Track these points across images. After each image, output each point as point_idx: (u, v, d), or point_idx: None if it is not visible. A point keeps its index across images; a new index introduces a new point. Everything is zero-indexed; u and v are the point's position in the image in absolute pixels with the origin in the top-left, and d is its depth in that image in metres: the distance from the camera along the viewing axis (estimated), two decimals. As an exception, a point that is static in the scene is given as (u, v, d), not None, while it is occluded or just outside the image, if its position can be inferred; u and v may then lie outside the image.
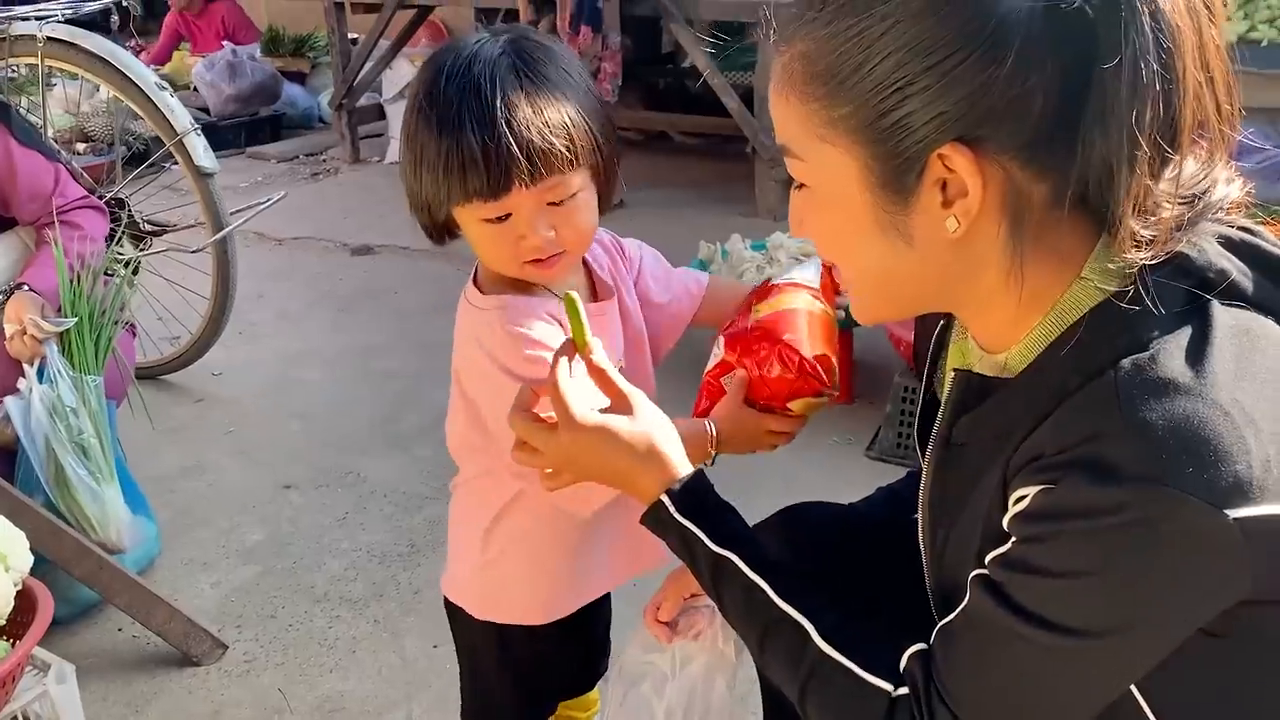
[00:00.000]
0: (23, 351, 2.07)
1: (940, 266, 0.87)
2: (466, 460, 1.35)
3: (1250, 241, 0.86)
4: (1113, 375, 0.78)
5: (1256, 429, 0.76)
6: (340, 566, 2.30)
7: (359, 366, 3.28)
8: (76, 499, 2.04)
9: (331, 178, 5.46)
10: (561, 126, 1.15)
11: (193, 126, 2.84)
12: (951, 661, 0.88)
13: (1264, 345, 0.81)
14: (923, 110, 0.79)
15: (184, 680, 1.98)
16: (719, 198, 4.60)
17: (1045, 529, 0.80)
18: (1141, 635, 0.80)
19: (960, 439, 0.94)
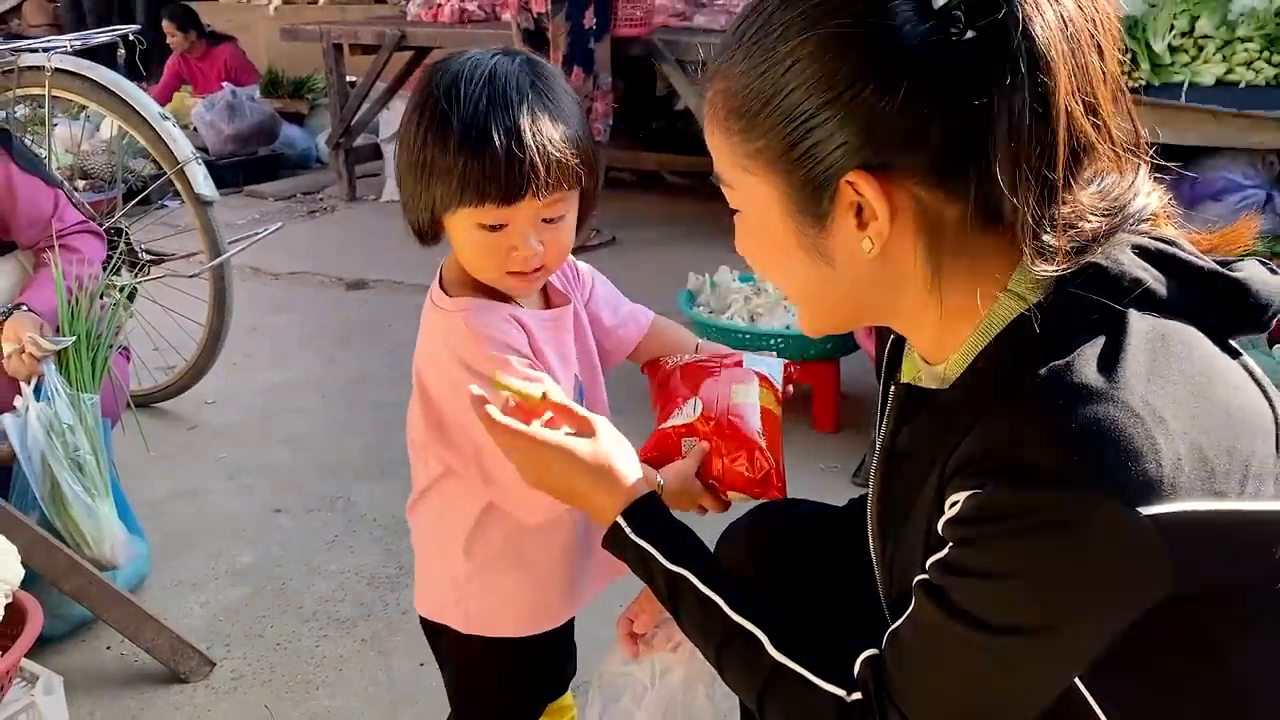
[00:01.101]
0: (21, 370, 2.11)
1: (864, 284, 0.92)
2: (428, 461, 1.37)
3: (1167, 251, 0.90)
4: (1031, 383, 0.82)
5: (1167, 429, 0.79)
6: (329, 588, 2.32)
7: (351, 396, 3.31)
8: (72, 515, 2.06)
9: (328, 215, 5.52)
10: (573, 144, 1.21)
11: (194, 155, 2.90)
12: (900, 665, 0.91)
13: (1178, 349, 0.85)
14: (826, 141, 0.85)
15: (171, 697, 1.99)
16: (709, 235, 4.65)
17: (974, 532, 0.84)
18: (1071, 631, 0.84)
19: (902, 449, 0.99)
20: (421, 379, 1.31)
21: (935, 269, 0.89)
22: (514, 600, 1.39)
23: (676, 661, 1.31)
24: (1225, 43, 3.86)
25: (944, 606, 0.87)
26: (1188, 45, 3.91)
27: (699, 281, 3.18)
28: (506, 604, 1.39)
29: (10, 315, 2.17)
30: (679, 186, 5.79)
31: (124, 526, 2.17)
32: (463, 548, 1.37)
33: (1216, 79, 3.86)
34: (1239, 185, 3.91)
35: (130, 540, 2.20)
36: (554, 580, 1.39)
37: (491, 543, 1.36)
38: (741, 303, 3.02)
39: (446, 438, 1.29)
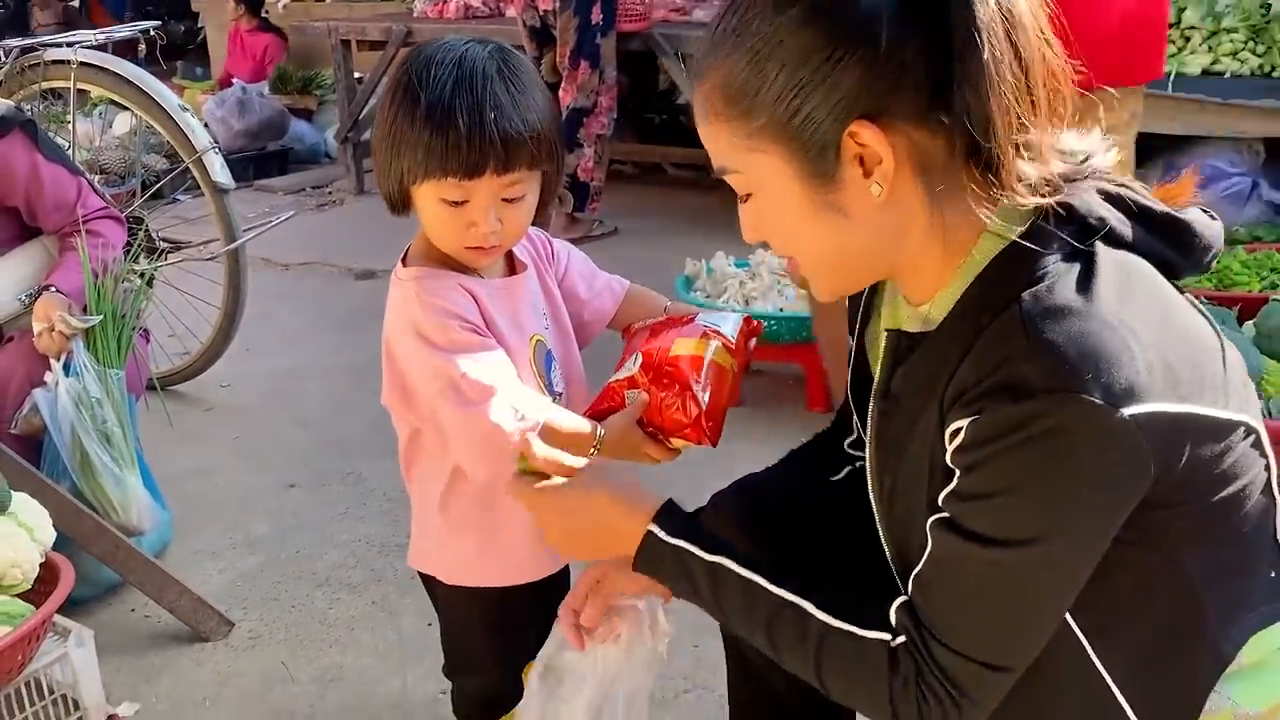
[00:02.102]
0: (51, 347, 2.22)
1: (877, 229, 1.00)
2: (398, 424, 1.49)
3: (1126, 195, 1.01)
4: (1017, 307, 0.91)
5: (1139, 340, 0.90)
6: (340, 555, 2.43)
7: (359, 379, 3.42)
8: (100, 483, 2.18)
9: (337, 208, 5.64)
10: (534, 128, 1.31)
11: (211, 145, 3.02)
12: (930, 602, 0.98)
13: (1141, 278, 0.97)
14: (822, 103, 0.94)
15: (193, 654, 2.11)
16: (708, 224, 4.76)
17: (979, 455, 0.92)
18: (1078, 531, 0.93)
19: (895, 391, 1.07)
20: (388, 345, 1.41)
21: (934, 210, 0.98)
22: (486, 553, 1.48)
23: (616, 653, 1.32)
24: (1211, 34, 3.96)
25: (961, 535, 0.94)
26: (1174, 37, 4.00)
27: (696, 267, 3.29)
28: (480, 557, 1.49)
29: (39, 296, 2.29)
30: (680, 178, 5.90)
31: (148, 494, 2.29)
32: (438, 505, 1.48)
33: (1203, 69, 3.96)
34: (1225, 173, 4.00)
35: (154, 507, 2.32)
36: (523, 535, 1.47)
37: (463, 499, 1.46)
38: (736, 287, 3.14)
39: (409, 400, 1.40)
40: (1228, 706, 1.06)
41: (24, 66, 3.14)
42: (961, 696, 0.96)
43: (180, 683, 2.03)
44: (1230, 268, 2.87)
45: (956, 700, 0.96)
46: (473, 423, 1.31)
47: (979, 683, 0.97)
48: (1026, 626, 0.97)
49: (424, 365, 1.34)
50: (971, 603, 0.96)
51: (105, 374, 2.25)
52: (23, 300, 2.38)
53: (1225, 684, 1.06)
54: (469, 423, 1.31)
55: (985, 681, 0.97)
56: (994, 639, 0.97)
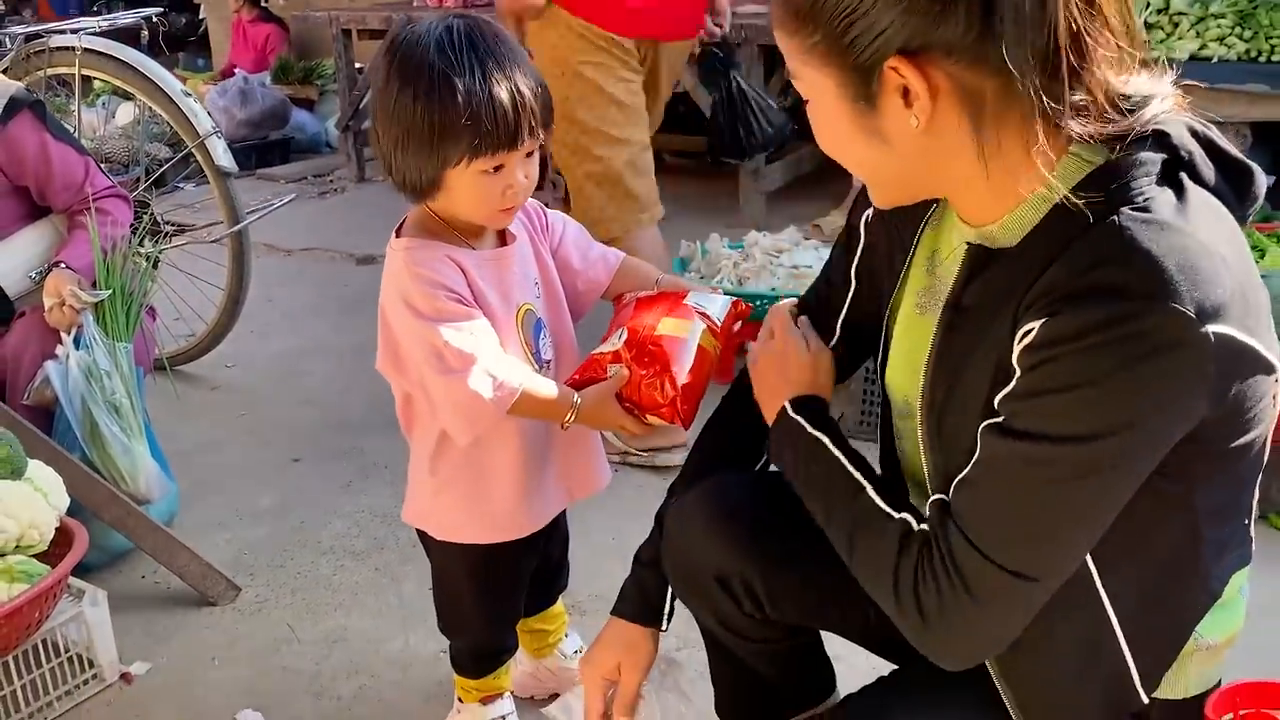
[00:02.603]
0: (62, 321, 2.29)
1: (917, 157, 1.03)
2: (394, 388, 1.57)
3: (1210, 136, 1.04)
4: (1115, 219, 0.94)
5: (1228, 265, 0.94)
6: (344, 525, 2.50)
7: (361, 359, 3.46)
8: (110, 453, 2.25)
9: (338, 196, 5.70)
10: (540, 87, 1.40)
11: (214, 129, 3.08)
12: (965, 499, 1.02)
13: (1222, 218, 1.00)
14: (868, 31, 0.97)
15: (202, 618, 2.18)
16: (706, 209, 4.82)
17: (1051, 353, 0.94)
18: (1137, 437, 0.94)
19: (969, 303, 1.08)
20: (382, 312, 1.49)
21: (982, 139, 0.99)
22: (473, 512, 1.57)
23: None
24: (1199, 19, 4.01)
25: (1013, 435, 0.96)
26: (1163, 22, 4.05)
27: (691, 249, 3.36)
28: (467, 515, 1.57)
29: (50, 272, 2.36)
30: (678, 165, 5.95)
31: (156, 464, 2.36)
32: (429, 467, 1.56)
33: (1191, 54, 4.00)
34: (1214, 156, 4.07)
35: (162, 477, 2.39)
36: (507, 495, 1.56)
37: (451, 461, 1.55)
38: (730, 268, 3.20)
39: (401, 366, 1.48)
40: (1193, 640, 1.14)
41: (29, 53, 3.20)
42: (965, 589, 0.99)
43: (190, 643, 2.10)
44: (1212, 246, 2.93)
45: (959, 597, 1.00)
46: (453, 389, 1.38)
47: (990, 585, 0.99)
48: (1055, 535, 0.98)
49: (411, 333, 1.41)
50: (1007, 502, 0.98)
51: (114, 347, 2.32)
52: (33, 277, 2.45)
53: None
54: (450, 389, 1.39)
55: (998, 586, 0.99)
56: (1018, 541, 0.99)
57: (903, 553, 1.04)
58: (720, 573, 1.32)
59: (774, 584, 1.31)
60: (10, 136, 2.38)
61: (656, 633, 1.42)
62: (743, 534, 1.32)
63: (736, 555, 1.31)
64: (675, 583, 1.38)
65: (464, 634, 1.71)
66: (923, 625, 1.03)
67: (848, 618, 1.35)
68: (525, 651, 1.88)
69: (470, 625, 1.69)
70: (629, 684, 1.39)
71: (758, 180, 4.56)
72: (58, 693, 1.90)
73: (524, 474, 1.56)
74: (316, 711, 1.91)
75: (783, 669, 1.42)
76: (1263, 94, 3.83)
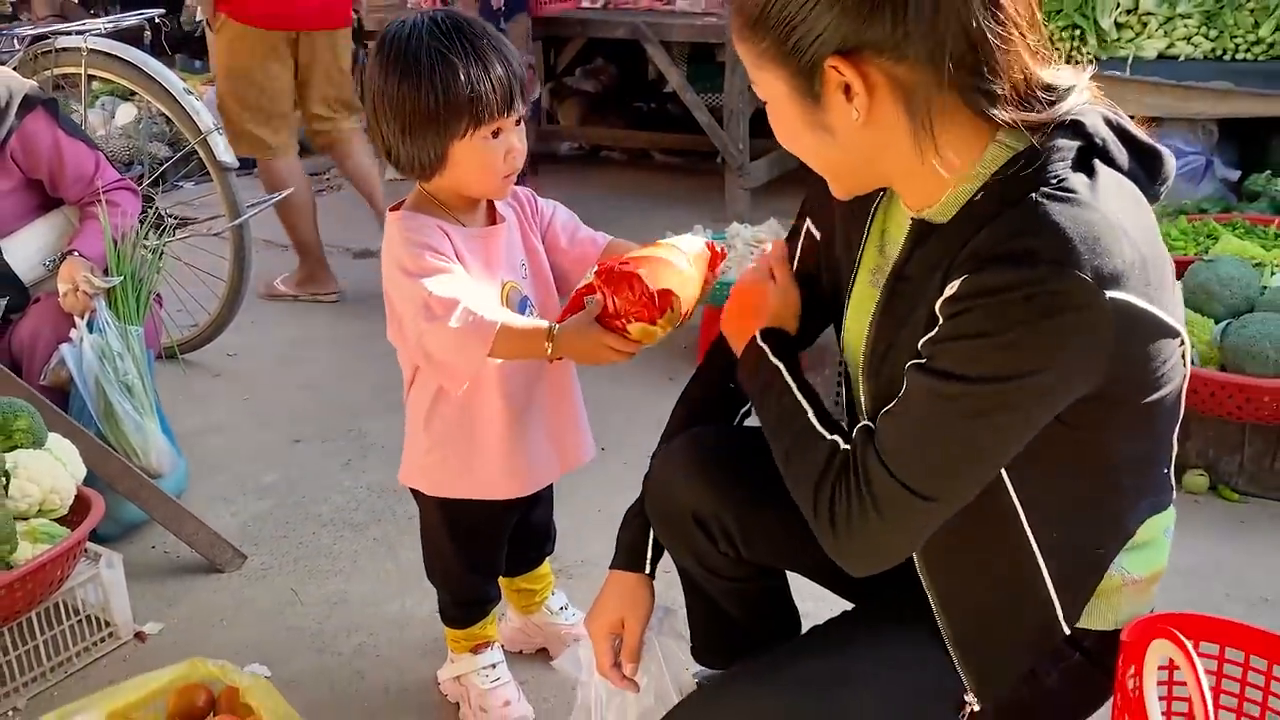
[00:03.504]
0: (75, 306, 2.42)
1: (862, 148, 1.15)
2: (403, 362, 1.73)
3: (1123, 124, 1.17)
4: (1033, 196, 1.06)
5: (1130, 238, 1.06)
6: (343, 500, 2.64)
7: (358, 347, 3.62)
8: (123, 430, 2.38)
9: (334, 193, 5.81)
10: (521, 66, 1.57)
11: (215, 126, 3.21)
12: (886, 427, 1.14)
13: (1130, 197, 1.12)
14: (807, 35, 1.09)
15: (210, 583, 2.31)
16: (693, 205, 4.96)
17: (969, 304, 1.06)
18: (1033, 385, 1.06)
19: (909, 273, 1.20)
20: (385, 283, 1.63)
21: (917, 129, 1.10)
22: (463, 469, 1.71)
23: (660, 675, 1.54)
24: (1167, 19, 4.14)
25: (926, 371, 1.09)
26: (1132, 22, 4.19)
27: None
28: (458, 472, 1.72)
29: (64, 260, 2.49)
30: (667, 163, 6.09)
31: (166, 440, 2.50)
32: (424, 425, 1.70)
33: (1159, 53, 4.14)
34: (1181, 152, 4.19)
35: (171, 453, 2.53)
36: (495, 456, 1.71)
37: (445, 419, 1.69)
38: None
39: (402, 332, 1.61)
40: (1119, 573, 1.27)
41: (36, 54, 3.33)
42: (874, 508, 1.12)
43: (199, 606, 2.24)
44: (1169, 234, 3.07)
45: (866, 509, 1.12)
46: (440, 333, 1.51)
47: (894, 501, 1.11)
48: (955, 462, 1.11)
49: (403, 291, 1.56)
50: (919, 431, 1.11)
51: (126, 330, 2.45)
52: (47, 265, 2.59)
53: (1120, 558, 1.26)
54: (438, 334, 1.52)
55: (901, 503, 1.11)
56: (923, 464, 1.11)
57: (827, 468, 1.17)
58: (698, 513, 1.45)
59: (748, 524, 1.43)
60: (25, 132, 2.51)
61: (650, 581, 1.53)
62: (719, 478, 1.43)
63: (713, 497, 1.43)
64: (656, 524, 1.51)
65: (447, 583, 1.84)
66: (833, 533, 1.16)
67: (816, 558, 1.47)
68: (514, 609, 2.01)
69: (452, 575, 1.83)
70: (632, 632, 1.50)
71: (742, 176, 4.71)
72: (76, 649, 2.04)
73: (509, 436, 1.69)
74: (319, 665, 2.04)
75: (752, 611, 1.55)
76: (1228, 91, 3.97)
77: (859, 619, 1.44)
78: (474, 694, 1.85)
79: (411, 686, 1.98)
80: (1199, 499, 2.53)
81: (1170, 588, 1.54)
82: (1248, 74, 3.96)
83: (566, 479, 1.96)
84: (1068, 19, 4.23)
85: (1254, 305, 2.52)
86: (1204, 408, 2.42)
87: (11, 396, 2.09)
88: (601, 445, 2.00)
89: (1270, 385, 2.32)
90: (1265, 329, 2.35)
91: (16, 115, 2.50)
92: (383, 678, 2.01)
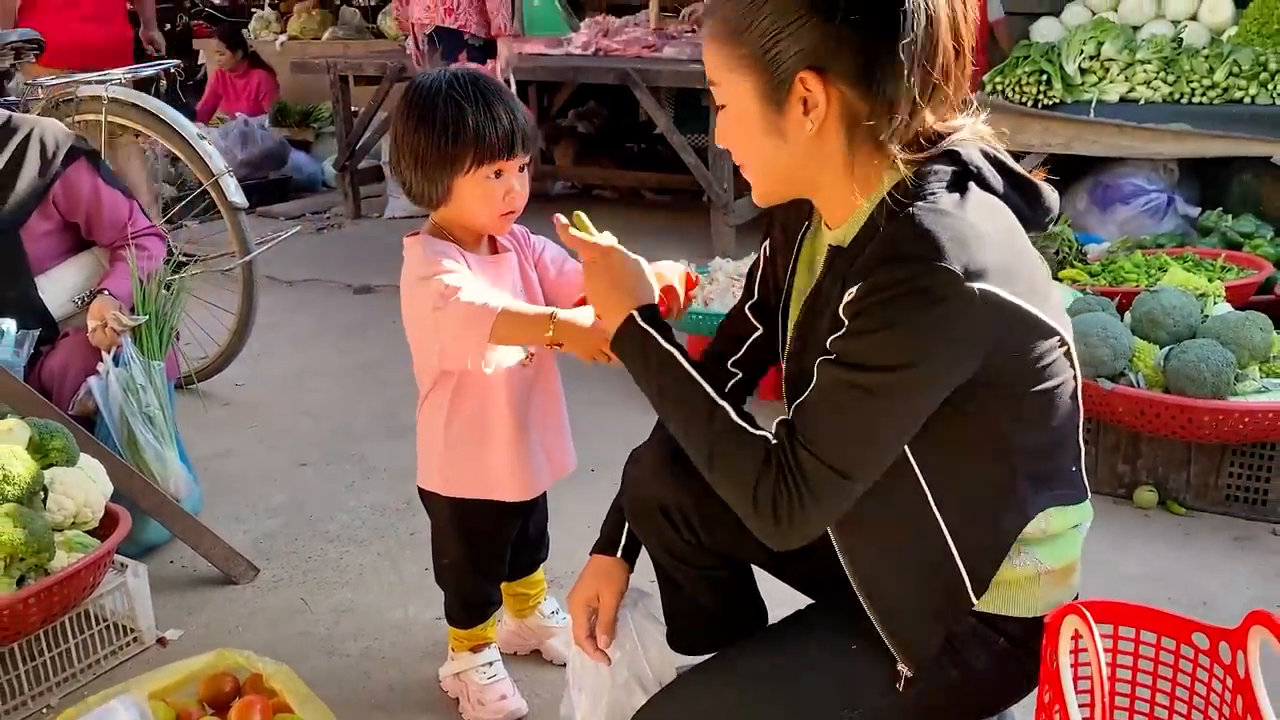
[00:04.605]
0: (104, 341, 2.61)
1: (803, 156, 1.32)
2: (423, 379, 1.92)
3: (999, 155, 1.36)
4: (911, 210, 1.24)
5: (991, 240, 1.23)
6: (349, 518, 2.81)
7: (362, 377, 3.81)
8: (144, 458, 2.56)
9: (336, 231, 6.03)
10: (530, 120, 1.78)
11: (226, 169, 3.41)
12: (805, 418, 1.28)
13: (997, 209, 1.31)
14: (786, 49, 1.25)
15: (225, 594, 2.48)
16: (680, 242, 5.16)
17: (863, 304, 1.23)
18: (928, 368, 1.23)
19: (824, 287, 1.39)
20: (405, 301, 1.83)
21: (850, 151, 1.29)
22: (476, 469, 1.90)
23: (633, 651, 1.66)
24: (1127, 65, 4.37)
25: (836, 364, 1.25)
26: (1095, 67, 4.43)
27: (662, 274, 3.69)
28: (471, 472, 1.91)
29: (94, 298, 2.69)
30: (656, 202, 6.32)
31: (184, 468, 2.67)
32: (442, 427, 1.89)
33: (1120, 97, 4.37)
34: (1144, 190, 4.42)
35: (189, 479, 2.70)
36: (504, 459, 1.90)
37: (461, 422, 1.88)
38: (697, 290, 3.53)
39: (430, 328, 1.79)
40: (1034, 565, 1.43)
41: (58, 101, 3.53)
42: (809, 494, 1.27)
43: (216, 614, 2.40)
44: (1123, 267, 3.28)
45: (803, 497, 1.27)
46: (450, 312, 1.70)
47: (825, 485, 1.27)
48: (872, 443, 1.27)
49: (421, 293, 1.74)
50: (834, 416, 1.26)
51: (149, 365, 2.63)
52: (76, 301, 2.77)
53: (1033, 549, 1.43)
54: (448, 313, 1.70)
55: (831, 485, 1.27)
56: (846, 448, 1.26)
57: (764, 466, 1.29)
58: (663, 504, 1.63)
59: (705, 511, 1.59)
60: (69, 180, 2.72)
61: (625, 565, 1.71)
62: (682, 471, 1.51)
63: (676, 488, 1.60)
64: (630, 516, 1.69)
65: (455, 585, 2.02)
66: (775, 523, 1.30)
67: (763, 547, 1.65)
68: (510, 613, 2.18)
69: (461, 576, 2.00)
70: (607, 606, 1.68)
71: (727, 214, 4.92)
72: (104, 652, 2.20)
73: (516, 440, 1.89)
74: (329, 667, 2.21)
75: (719, 598, 1.72)
76: (1185, 132, 4.20)
77: (807, 614, 1.62)
78: (472, 689, 2.01)
79: (414, 684, 2.15)
80: (1149, 513, 2.72)
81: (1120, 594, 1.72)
82: (1204, 116, 4.19)
83: (557, 497, 2.14)
84: (1034, 64, 4.46)
85: (1195, 332, 2.72)
86: (1150, 428, 2.61)
87: (47, 419, 2.27)
88: (590, 466, 2.18)
89: (1208, 406, 2.51)
90: (1203, 354, 2.54)
91: (61, 164, 2.70)
92: (387, 677, 2.18)
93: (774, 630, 1.62)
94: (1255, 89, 4.13)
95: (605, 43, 5.58)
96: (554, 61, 5.58)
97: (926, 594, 1.41)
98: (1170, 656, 1.55)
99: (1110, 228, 4.38)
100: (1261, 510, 2.66)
